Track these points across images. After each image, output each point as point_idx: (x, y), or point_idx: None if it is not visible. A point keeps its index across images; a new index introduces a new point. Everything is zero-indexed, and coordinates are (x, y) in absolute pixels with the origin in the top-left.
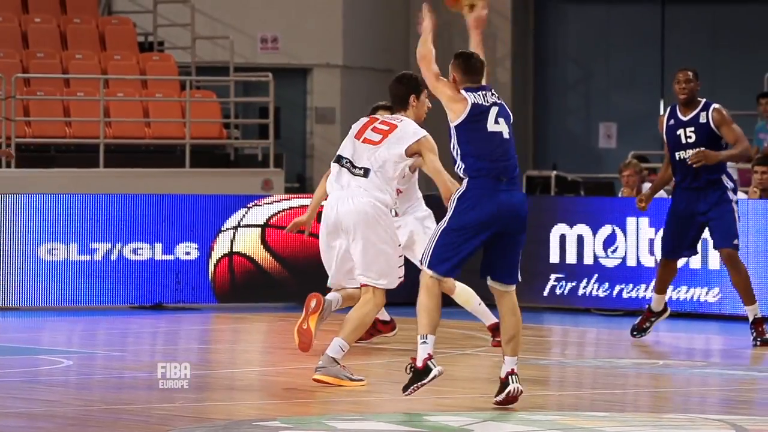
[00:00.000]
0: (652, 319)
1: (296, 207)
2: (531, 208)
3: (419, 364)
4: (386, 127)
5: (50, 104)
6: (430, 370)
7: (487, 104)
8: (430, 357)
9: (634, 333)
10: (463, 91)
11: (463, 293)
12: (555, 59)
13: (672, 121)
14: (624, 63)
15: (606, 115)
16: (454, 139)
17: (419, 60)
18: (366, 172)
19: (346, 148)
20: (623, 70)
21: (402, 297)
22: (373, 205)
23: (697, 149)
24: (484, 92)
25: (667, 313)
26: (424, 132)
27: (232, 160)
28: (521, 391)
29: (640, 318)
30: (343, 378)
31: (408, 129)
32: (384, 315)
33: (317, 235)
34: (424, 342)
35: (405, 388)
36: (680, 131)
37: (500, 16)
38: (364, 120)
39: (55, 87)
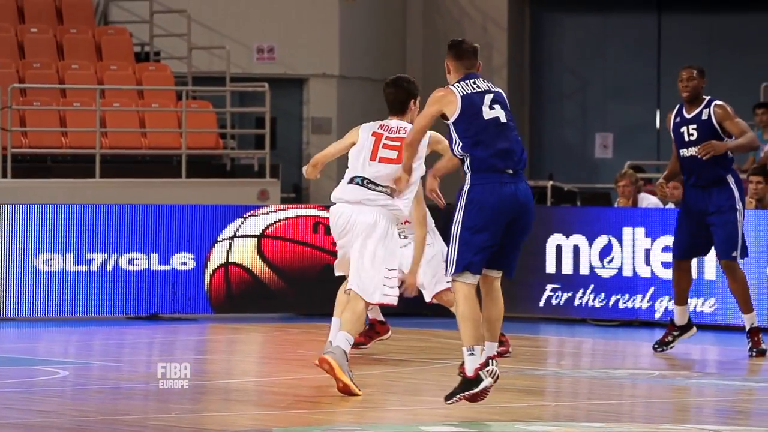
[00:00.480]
0: (675, 333)
1: (292, 217)
2: None
3: (470, 373)
4: (397, 143)
5: (46, 114)
6: (481, 380)
7: (479, 91)
8: (481, 367)
9: (656, 346)
10: (454, 85)
11: None
12: (551, 69)
13: (678, 119)
14: (620, 73)
15: (602, 125)
16: (454, 137)
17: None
18: (393, 192)
19: (359, 169)
20: (619, 79)
21: (399, 308)
22: (387, 216)
23: (704, 143)
24: (473, 80)
25: (693, 331)
26: (433, 132)
27: (229, 171)
28: (498, 377)
29: (664, 332)
30: (347, 375)
31: None
32: (380, 315)
33: (309, 244)
34: (472, 353)
35: (449, 397)
36: (684, 129)
37: (496, 25)
38: (368, 138)
39: (51, 97)
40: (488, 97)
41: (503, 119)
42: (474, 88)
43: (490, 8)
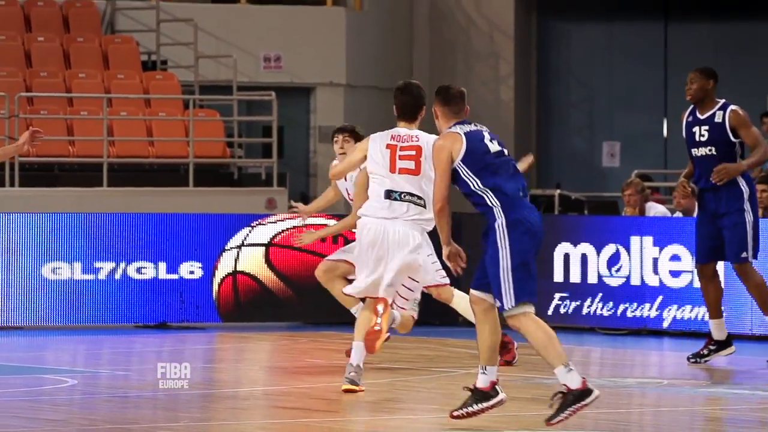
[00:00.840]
0: (712, 347)
1: (300, 226)
2: None
3: (579, 386)
4: (412, 152)
5: (54, 123)
6: (591, 390)
7: (476, 129)
8: (585, 378)
9: (690, 357)
10: (451, 129)
11: (463, 301)
12: (558, 78)
13: (691, 118)
14: (627, 82)
15: (609, 134)
16: (465, 176)
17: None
18: (424, 202)
19: (387, 184)
20: (626, 88)
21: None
22: (418, 229)
23: (718, 167)
24: (468, 123)
25: (732, 350)
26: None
27: (236, 179)
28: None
29: (704, 343)
30: (386, 329)
31: (431, 142)
32: None
33: (316, 253)
34: (570, 369)
35: (553, 417)
36: (696, 129)
37: (503, 34)
38: (383, 151)
39: (58, 106)
40: (486, 134)
41: (507, 153)
42: (471, 128)
43: (496, 17)
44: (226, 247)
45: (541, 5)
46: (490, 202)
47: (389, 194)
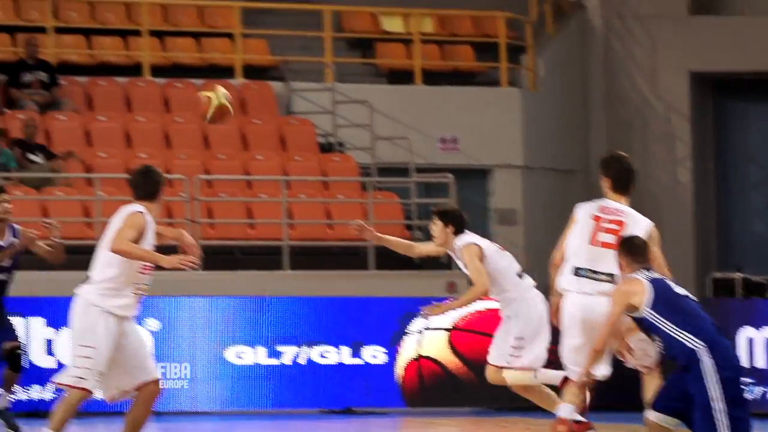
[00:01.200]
0: None
1: (482, 310)
2: (717, 311)
3: None
4: (616, 226)
5: (233, 206)
6: None
7: (659, 276)
8: None
9: None
10: (634, 275)
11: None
12: (735, 159)
13: None
14: None
15: None
16: (660, 323)
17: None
18: (613, 278)
19: (579, 257)
20: None
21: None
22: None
23: None
24: (651, 270)
25: None
26: (650, 221)
27: (416, 262)
28: None
29: None
30: None
31: (637, 222)
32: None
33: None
34: None
35: None
36: None
37: (679, 115)
38: (587, 221)
39: (237, 188)
40: (668, 281)
41: (693, 297)
42: (655, 275)
43: (672, 97)
44: (408, 331)
45: (718, 85)
46: (693, 344)
47: (577, 271)
